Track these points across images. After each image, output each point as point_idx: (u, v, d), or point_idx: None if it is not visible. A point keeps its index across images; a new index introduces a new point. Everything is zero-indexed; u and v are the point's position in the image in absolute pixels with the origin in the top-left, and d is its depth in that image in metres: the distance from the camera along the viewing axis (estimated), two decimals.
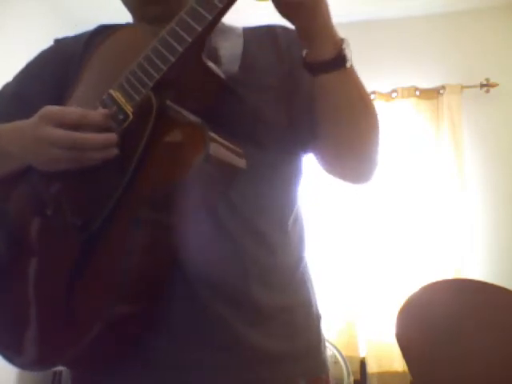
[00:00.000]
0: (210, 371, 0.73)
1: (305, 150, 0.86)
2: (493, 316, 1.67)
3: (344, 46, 0.71)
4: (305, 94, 0.78)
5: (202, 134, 0.65)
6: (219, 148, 0.67)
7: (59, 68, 0.87)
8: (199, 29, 0.66)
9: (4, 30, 2.64)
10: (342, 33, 0.73)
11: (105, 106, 0.70)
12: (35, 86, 0.87)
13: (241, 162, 0.69)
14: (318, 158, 0.86)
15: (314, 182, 0.88)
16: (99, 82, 0.79)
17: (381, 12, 3.11)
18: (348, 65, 0.71)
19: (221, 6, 0.65)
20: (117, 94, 0.70)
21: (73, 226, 0.70)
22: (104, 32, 0.88)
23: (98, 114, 0.69)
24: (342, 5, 2.94)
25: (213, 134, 0.66)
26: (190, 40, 0.66)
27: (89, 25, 0.95)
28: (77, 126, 0.68)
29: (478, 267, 2.80)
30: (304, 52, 0.73)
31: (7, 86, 0.92)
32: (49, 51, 0.93)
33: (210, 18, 0.66)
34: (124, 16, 0.92)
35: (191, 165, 0.64)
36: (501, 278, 2.26)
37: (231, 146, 0.69)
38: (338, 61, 0.71)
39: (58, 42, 0.94)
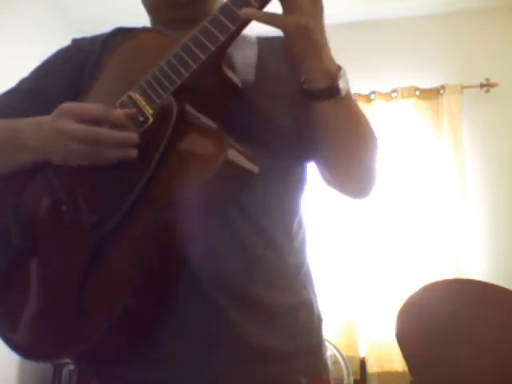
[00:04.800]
0: (212, 368, 0.74)
1: (309, 158, 0.88)
2: (493, 316, 1.67)
3: (339, 75, 0.72)
4: (301, 90, 0.80)
5: (222, 140, 0.67)
6: (236, 153, 0.68)
7: (75, 67, 0.87)
8: (222, 38, 0.68)
9: (4, 29, 2.64)
10: (342, 33, 0.74)
11: (124, 108, 0.71)
12: (51, 83, 0.87)
13: (254, 168, 0.71)
14: (318, 170, 0.89)
15: (316, 183, 0.90)
16: (117, 83, 0.80)
17: (381, 12, 3.11)
18: (341, 95, 0.73)
19: (244, 17, 0.68)
20: (137, 97, 0.72)
21: (88, 223, 0.70)
22: (121, 34, 0.89)
23: (120, 112, 0.70)
24: (342, 5, 2.94)
25: (230, 140, 0.68)
26: (212, 48, 0.69)
27: (88, 24, 0.96)
28: (98, 123, 0.68)
29: (478, 267, 2.80)
30: (303, 77, 0.75)
31: (23, 82, 0.92)
32: (66, 50, 0.94)
33: (234, 28, 0.68)
34: (124, 15, 0.93)
35: (210, 169, 0.66)
36: (501, 278, 2.27)
37: (246, 151, 0.70)
38: (331, 91, 0.73)
39: (75, 41, 0.95)
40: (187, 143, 0.70)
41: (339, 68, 0.74)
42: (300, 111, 0.81)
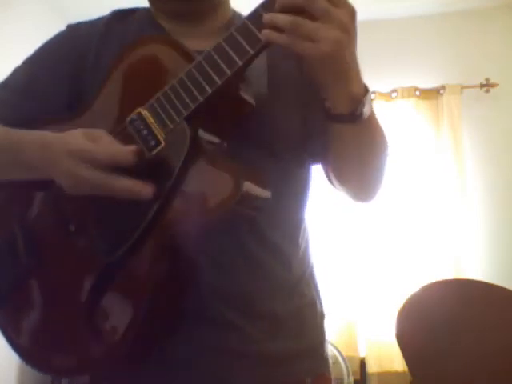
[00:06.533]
0: (226, 372, 0.74)
1: (315, 162, 0.87)
2: (493, 316, 1.67)
3: (364, 101, 0.67)
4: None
5: (236, 174, 0.64)
6: (251, 185, 0.66)
7: (73, 56, 0.83)
8: (240, 63, 0.63)
9: (4, 29, 2.64)
10: None
11: (134, 127, 0.68)
12: (47, 77, 0.83)
13: (267, 194, 0.69)
14: (324, 173, 0.88)
15: (315, 183, 0.90)
16: (124, 96, 0.76)
17: (381, 12, 3.11)
18: (363, 119, 0.69)
19: (264, 40, 0.62)
20: (147, 115, 0.68)
21: (97, 248, 0.69)
22: (120, 18, 0.86)
23: (128, 153, 0.65)
24: None
25: (244, 171, 0.65)
26: (229, 73, 0.64)
27: None
28: (109, 167, 0.65)
29: (478, 267, 2.80)
30: (324, 96, 0.71)
31: (16, 72, 0.87)
32: (62, 38, 0.88)
33: (252, 52, 0.63)
34: None
35: (223, 206, 0.63)
36: (501, 278, 2.27)
37: (258, 177, 0.68)
38: (353, 117, 0.68)
39: (71, 27, 0.89)
40: (201, 175, 0.66)
41: (365, 92, 0.68)
42: (307, 114, 0.80)
